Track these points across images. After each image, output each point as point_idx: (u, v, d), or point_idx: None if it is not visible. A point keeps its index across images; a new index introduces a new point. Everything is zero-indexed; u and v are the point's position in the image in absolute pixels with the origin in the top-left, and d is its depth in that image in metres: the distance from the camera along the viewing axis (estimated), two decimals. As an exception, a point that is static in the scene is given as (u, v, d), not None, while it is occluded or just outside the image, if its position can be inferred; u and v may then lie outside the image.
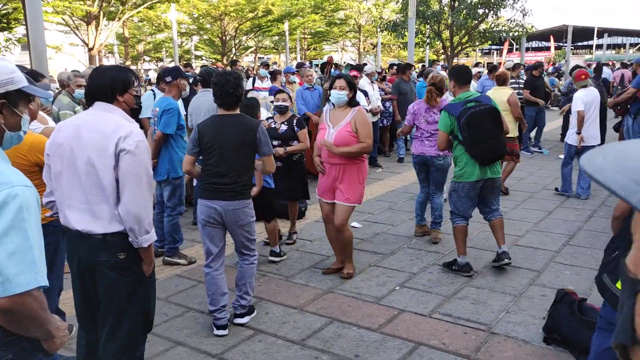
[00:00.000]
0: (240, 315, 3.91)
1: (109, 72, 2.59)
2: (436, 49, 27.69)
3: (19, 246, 1.48)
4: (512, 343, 3.59)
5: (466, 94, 4.67)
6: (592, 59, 43.47)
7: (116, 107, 2.55)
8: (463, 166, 4.61)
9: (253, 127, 3.67)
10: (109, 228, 2.46)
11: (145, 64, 45.62)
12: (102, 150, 2.41)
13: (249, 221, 3.79)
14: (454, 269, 4.77)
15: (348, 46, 43.10)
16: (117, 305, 2.57)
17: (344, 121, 4.53)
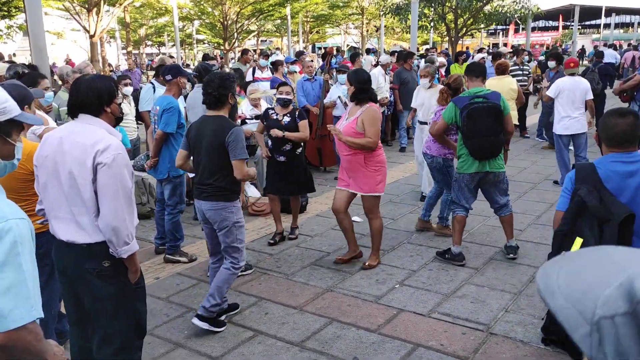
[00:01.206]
0: (200, 317, 3.76)
1: (93, 84, 2.58)
2: (440, 32, 27.35)
3: (14, 281, 1.49)
4: (510, 344, 3.60)
5: (476, 89, 4.76)
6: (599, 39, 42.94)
7: (99, 120, 2.56)
8: (464, 158, 4.72)
9: (226, 129, 3.66)
10: (92, 238, 2.50)
11: (147, 48, 45.40)
12: (82, 164, 2.44)
13: (227, 225, 3.74)
14: (447, 258, 4.91)
15: (351, 29, 42.68)
16: (106, 312, 2.61)
17: (353, 117, 4.64)
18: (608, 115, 2.61)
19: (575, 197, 2.53)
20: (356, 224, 5.92)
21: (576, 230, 2.50)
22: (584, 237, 2.45)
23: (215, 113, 3.77)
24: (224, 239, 3.79)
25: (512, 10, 21.09)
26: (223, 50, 27.17)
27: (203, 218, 3.86)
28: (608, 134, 2.55)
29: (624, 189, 2.48)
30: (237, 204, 3.83)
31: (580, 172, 2.58)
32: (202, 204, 3.79)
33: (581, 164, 2.66)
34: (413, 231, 5.82)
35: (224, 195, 3.73)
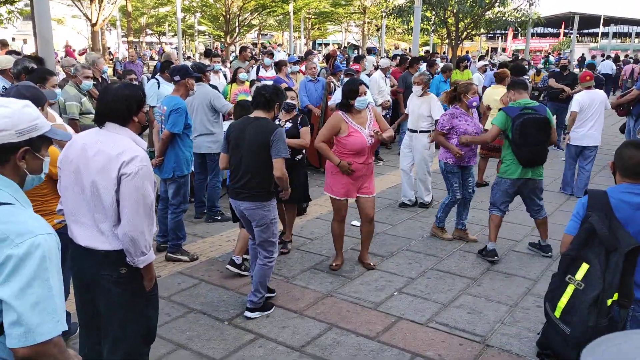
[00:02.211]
0: (250, 310, 4.14)
1: (121, 92, 2.60)
2: (440, 34, 27.41)
3: (41, 296, 1.53)
4: (506, 356, 3.68)
5: (525, 101, 5.10)
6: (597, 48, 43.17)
7: (126, 129, 2.59)
8: (509, 164, 5.06)
9: (271, 128, 3.90)
10: (112, 245, 2.53)
11: (147, 37, 45.19)
12: (105, 173, 2.47)
13: (265, 223, 4.00)
14: (482, 254, 5.31)
15: (352, 27, 42.67)
16: (118, 318, 2.64)
17: (369, 121, 4.79)
18: (625, 145, 2.68)
19: (586, 224, 2.59)
20: (356, 229, 5.99)
21: (583, 256, 2.57)
22: (590, 263, 2.52)
23: (260, 114, 4.01)
24: (261, 234, 4.03)
25: (513, 17, 21.20)
26: (224, 43, 27.10)
27: (240, 214, 4.11)
28: (623, 164, 2.62)
29: (633, 220, 2.55)
30: (274, 201, 4.06)
31: (593, 199, 2.64)
32: (239, 204, 4.02)
33: (594, 190, 2.72)
34: (412, 238, 5.89)
35: (262, 195, 3.95)
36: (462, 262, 5.25)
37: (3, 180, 1.69)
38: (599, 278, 2.48)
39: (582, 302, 2.52)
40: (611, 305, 2.48)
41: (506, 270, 5.08)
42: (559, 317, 2.65)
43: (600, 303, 2.47)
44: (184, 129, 4.95)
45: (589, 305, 2.49)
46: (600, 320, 2.47)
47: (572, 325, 2.56)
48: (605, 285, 2.46)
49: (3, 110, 1.68)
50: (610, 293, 2.47)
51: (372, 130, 4.70)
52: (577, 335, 2.54)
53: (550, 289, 2.74)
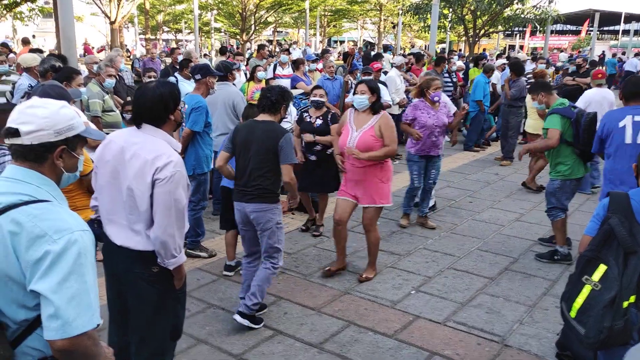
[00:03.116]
0: (241, 314, 3.91)
1: (159, 91, 2.60)
2: (457, 32, 27.24)
3: (78, 290, 1.59)
4: (525, 357, 3.68)
5: (562, 100, 5.20)
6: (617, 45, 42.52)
7: (161, 131, 2.60)
8: (571, 165, 5.05)
9: (279, 133, 3.83)
10: (145, 246, 2.57)
11: (164, 34, 45.53)
12: (141, 178, 2.50)
13: (271, 227, 3.90)
14: (556, 259, 5.22)
15: (368, 24, 42.56)
16: (147, 314, 2.69)
17: (367, 125, 4.60)
18: None
19: (605, 225, 2.58)
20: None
21: (601, 257, 2.56)
22: (608, 265, 2.51)
23: (267, 118, 3.93)
24: (267, 240, 3.92)
25: (531, 14, 21.01)
26: (240, 40, 27.22)
27: (243, 220, 3.96)
28: None
29: None
30: (279, 205, 3.97)
31: (614, 200, 2.63)
32: (245, 206, 3.89)
33: (616, 193, 2.70)
34: (428, 237, 5.89)
35: (269, 197, 3.87)
36: (479, 262, 5.24)
37: (42, 179, 1.74)
38: (616, 280, 2.47)
39: (597, 303, 2.52)
40: (627, 307, 2.48)
41: (525, 270, 5.07)
42: (574, 317, 2.65)
43: (616, 305, 2.46)
44: (205, 127, 5.00)
45: (604, 307, 2.49)
46: (615, 322, 2.46)
47: (587, 325, 2.56)
48: (622, 287, 2.46)
49: (42, 111, 1.73)
50: (626, 295, 2.46)
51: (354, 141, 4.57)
52: (591, 336, 2.54)
53: (567, 289, 2.74)
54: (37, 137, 1.71)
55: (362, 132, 4.59)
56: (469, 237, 5.91)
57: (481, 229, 6.15)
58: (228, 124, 6.09)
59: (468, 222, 6.42)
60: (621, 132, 4.40)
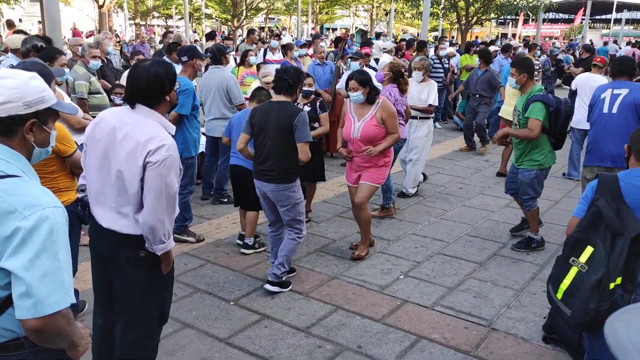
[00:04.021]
0: (271, 283, 4.21)
1: (154, 70, 2.51)
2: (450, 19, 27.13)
3: (50, 268, 1.54)
4: (511, 340, 3.68)
5: (540, 86, 5.07)
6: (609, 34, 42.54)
7: (156, 113, 2.52)
8: (546, 153, 4.96)
9: (295, 112, 3.94)
10: (132, 230, 2.51)
11: (154, 20, 45.02)
12: (131, 160, 2.43)
13: (290, 203, 4.09)
14: (533, 247, 5.17)
15: (360, 11, 42.29)
16: (134, 298, 2.64)
17: (368, 114, 4.70)
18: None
19: (593, 207, 2.56)
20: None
21: (589, 239, 2.54)
22: (595, 247, 2.50)
23: (282, 98, 4.02)
24: (288, 214, 4.13)
25: (524, 2, 20.94)
26: (231, 26, 26.95)
27: (263, 195, 4.18)
28: (639, 147, 2.58)
29: None
30: (298, 182, 4.11)
31: (603, 182, 2.61)
32: (264, 185, 4.07)
33: (605, 174, 2.68)
34: (418, 222, 5.88)
35: (287, 177, 4.01)
36: (468, 247, 5.24)
37: (12, 153, 1.68)
38: (602, 261, 2.47)
39: (584, 285, 2.51)
40: (613, 289, 2.47)
41: (513, 255, 5.07)
42: (560, 298, 2.65)
43: (602, 286, 2.46)
44: (192, 110, 4.93)
45: (590, 288, 2.48)
46: (601, 303, 2.46)
47: (573, 307, 2.55)
48: (609, 269, 2.45)
49: (10, 81, 1.66)
50: (613, 277, 2.45)
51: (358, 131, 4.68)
52: (577, 317, 2.54)
53: (554, 271, 2.73)
54: (5, 109, 1.64)
55: (364, 122, 4.70)
56: (459, 222, 5.91)
57: (471, 215, 6.14)
58: (222, 109, 6.03)
59: (458, 208, 6.42)
60: (602, 102, 5.01)
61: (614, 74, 5.15)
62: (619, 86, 4.96)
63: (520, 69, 4.96)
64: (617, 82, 5.06)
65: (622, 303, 2.53)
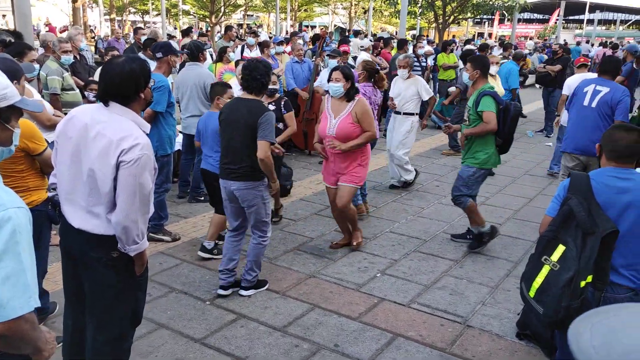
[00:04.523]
0: (244, 288, 4.17)
1: (128, 67, 2.45)
2: (428, 18, 27.32)
3: (13, 270, 1.48)
4: (486, 337, 3.72)
5: (491, 84, 4.96)
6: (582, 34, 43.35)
7: (129, 110, 2.47)
8: (490, 154, 4.87)
9: (262, 110, 3.87)
10: (104, 230, 2.45)
11: (130, 15, 44.37)
12: (104, 159, 2.37)
13: (257, 203, 3.97)
14: (485, 240, 5.09)
15: (339, 9, 42.31)
16: (106, 300, 2.58)
17: (344, 112, 4.68)
18: (614, 127, 2.68)
19: (565, 206, 2.60)
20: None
21: (560, 238, 2.58)
22: (567, 245, 2.53)
23: (252, 97, 3.93)
24: (255, 216, 4.01)
25: (499, 2, 21.20)
26: (209, 23, 26.72)
27: (229, 197, 4.03)
28: (610, 146, 2.62)
29: (613, 204, 2.56)
30: (265, 182, 3.99)
31: (574, 181, 2.65)
32: (230, 184, 3.94)
33: (577, 173, 2.72)
34: (395, 220, 5.90)
35: (254, 175, 3.90)
36: (445, 245, 5.28)
37: None
38: (574, 260, 2.50)
39: (556, 283, 2.55)
40: (584, 287, 2.51)
41: (488, 252, 5.12)
42: (533, 297, 2.69)
43: (573, 285, 2.50)
44: (167, 108, 4.87)
45: (562, 286, 2.52)
46: (572, 301, 2.50)
47: (545, 305, 2.59)
48: (580, 268, 2.48)
49: None
50: (584, 275, 2.49)
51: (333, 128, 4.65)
52: (549, 315, 2.58)
53: (527, 269, 2.77)
54: None
55: (340, 119, 4.67)
56: (435, 220, 5.95)
57: (447, 213, 6.19)
58: (199, 106, 5.96)
59: (435, 205, 6.46)
60: (584, 95, 5.29)
61: (600, 71, 5.45)
62: (602, 83, 5.26)
63: (474, 66, 4.91)
64: (601, 79, 5.34)
65: (593, 301, 2.58)
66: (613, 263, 2.59)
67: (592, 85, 5.33)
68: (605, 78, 5.30)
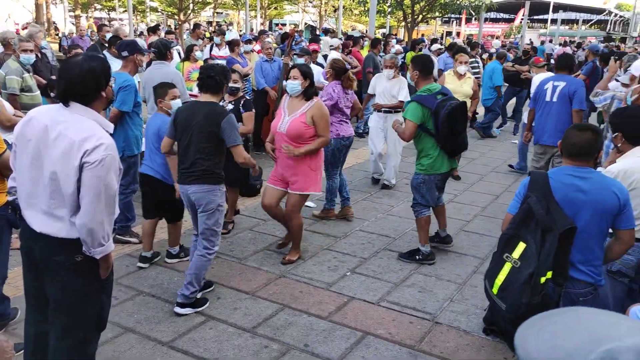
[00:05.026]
0: (180, 305, 3.87)
1: (87, 66, 2.39)
2: (397, 17, 27.55)
3: None
4: (454, 333, 3.77)
5: (433, 86, 4.65)
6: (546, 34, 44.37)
7: (91, 110, 2.41)
8: (434, 158, 4.60)
9: (220, 115, 3.77)
10: (67, 233, 2.40)
11: (95, 12, 43.46)
12: (66, 161, 2.31)
13: (211, 208, 3.85)
14: (418, 259, 4.82)
15: (309, 7, 42.28)
16: (70, 304, 2.53)
17: (299, 111, 4.54)
18: (572, 127, 2.76)
19: (524, 204, 2.67)
20: (309, 209, 6.00)
21: (521, 235, 2.65)
22: (527, 243, 2.60)
23: (208, 99, 3.86)
24: (206, 221, 3.87)
25: (466, 1, 21.53)
26: (178, 20, 26.35)
27: (189, 202, 3.95)
28: (566, 145, 2.69)
29: (571, 202, 2.63)
30: (222, 188, 3.93)
31: (534, 180, 2.72)
32: (187, 188, 3.85)
33: (536, 172, 2.79)
34: (365, 219, 5.93)
35: (211, 178, 3.82)
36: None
37: None
38: (533, 257, 2.57)
39: (517, 280, 2.62)
40: (545, 283, 2.58)
41: (456, 250, 5.19)
42: (496, 293, 2.76)
43: (533, 281, 2.57)
44: (134, 107, 4.78)
45: (522, 283, 2.59)
46: (533, 297, 2.57)
47: (507, 301, 2.66)
48: (539, 264, 2.55)
49: None
50: (543, 271, 2.56)
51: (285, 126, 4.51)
52: (511, 311, 2.65)
53: (490, 266, 2.84)
54: None
55: (293, 118, 4.53)
56: (405, 218, 6.00)
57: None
58: (165, 106, 5.85)
59: (404, 203, 6.52)
60: (545, 92, 5.85)
61: (557, 68, 6.17)
62: (559, 79, 5.86)
63: (414, 66, 4.74)
64: (558, 75, 5.99)
65: (554, 296, 2.65)
66: (572, 259, 2.67)
67: (550, 82, 5.89)
68: (562, 74, 5.94)
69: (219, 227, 3.95)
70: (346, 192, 5.96)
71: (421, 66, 4.69)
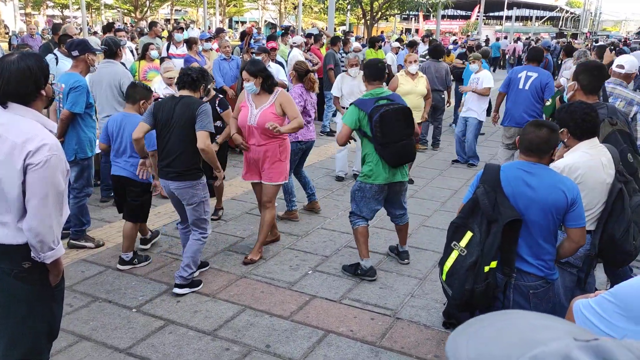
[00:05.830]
0: (179, 286, 4.13)
1: (24, 64, 2.29)
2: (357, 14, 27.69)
3: None
4: (414, 328, 3.82)
5: (378, 90, 4.39)
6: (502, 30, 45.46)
7: (31, 110, 2.32)
8: (372, 166, 4.29)
9: (197, 104, 3.96)
10: (14, 239, 2.30)
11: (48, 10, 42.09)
12: (8, 164, 2.22)
13: (196, 201, 4.08)
14: (357, 274, 4.50)
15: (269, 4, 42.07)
16: (18, 314, 2.43)
17: (267, 103, 4.59)
18: (530, 122, 2.82)
19: (473, 195, 2.75)
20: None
21: (468, 225, 2.73)
22: (474, 232, 2.69)
23: (186, 93, 4.06)
24: (193, 213, 4.11)
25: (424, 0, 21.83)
26: (134, 18, 25.80)
27: (170, 194, 4.19)
28: (522, 139, 2.76)
29: (520, 196, 2.70)
30: (203, 180, 4.11)
31: (486, 172, 2.79)
32: (169, 184, 4.06)
33: (490, 165, 2.85)
34: (327, 216, 5.94)
35: (191, 174, 4.01)
36: (375, 239, 5.36)
37: None
38: (478, 246, 2.68)
39: (462, 267, 2.74)
40: (489, 271, 2.68)
41: (417, 245, 5.26)
42: (444, 280, 2.87)
43: (477, 269, 2.68)
44: (86, 108, 4.65)
45: (466, 270, 2.70)
46: (476, 285, 2.68)
47: (453, 287, 2.76)
48: (483, 253, 2.66)
49: None
50: (487, 260, 2.67)
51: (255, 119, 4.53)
52: (455, 297, 2.77)
53: (443, 255, 2.92)
54: None
55: (262, 110, 4.57)
56: (365, 215, 6.03)
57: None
58: (115, 106, 5.71)
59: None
60: (518, 80, 6.67)
61: (528, 59, 7.00)
62: (532, 70, 6.70)
63: (365, 68, 4.59)
64: (530, 66, 6.81)
65: (500, 285, 2.76)
66: (522, 253, 2.75)
67: (524, 71, 6.72)
68: (533, 65, 6.74)
69: (208, 215, 4.21)
70: (310, 189, 6.01)
71: (367, 70, 4.52)
